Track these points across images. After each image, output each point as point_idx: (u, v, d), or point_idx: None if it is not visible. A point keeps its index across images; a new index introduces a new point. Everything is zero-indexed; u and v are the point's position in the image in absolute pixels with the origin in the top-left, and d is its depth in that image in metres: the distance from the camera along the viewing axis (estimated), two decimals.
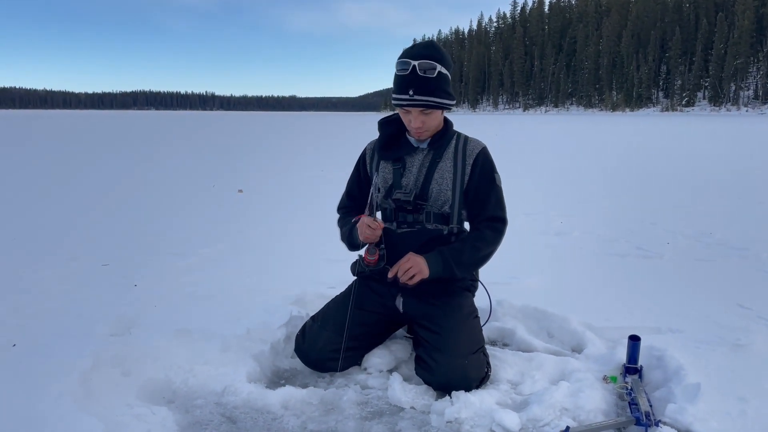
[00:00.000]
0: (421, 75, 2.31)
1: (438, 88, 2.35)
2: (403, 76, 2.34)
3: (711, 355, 2.52)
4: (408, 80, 2.33)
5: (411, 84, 2.32)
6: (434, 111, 2.40)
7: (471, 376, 2.29)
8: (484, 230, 2.49)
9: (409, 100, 2.34)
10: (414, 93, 2.32)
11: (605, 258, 4.39)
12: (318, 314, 2.61)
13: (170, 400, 2.27)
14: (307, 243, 4.74)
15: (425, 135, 2.47)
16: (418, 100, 2.33)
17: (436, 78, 2.33)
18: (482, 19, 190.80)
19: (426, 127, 2.42)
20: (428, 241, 2.47)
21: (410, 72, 2.32)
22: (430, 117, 2.40)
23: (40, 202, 6.99)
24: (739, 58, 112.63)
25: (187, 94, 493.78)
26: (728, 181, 9.07)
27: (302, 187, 8.43)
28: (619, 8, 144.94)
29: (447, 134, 2.52)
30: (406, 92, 2.33)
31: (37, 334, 2.68)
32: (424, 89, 2.32)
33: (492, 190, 2.51)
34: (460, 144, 2.53)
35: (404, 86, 2.34)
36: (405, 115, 2.43)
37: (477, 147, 2.53)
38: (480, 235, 2.48)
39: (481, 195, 2.50)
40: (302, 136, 26.54)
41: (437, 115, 2.43)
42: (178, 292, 3.42)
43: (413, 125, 2.41)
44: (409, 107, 2.36)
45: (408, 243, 2.48)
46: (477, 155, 2.50)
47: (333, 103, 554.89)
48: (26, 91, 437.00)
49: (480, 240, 2.47)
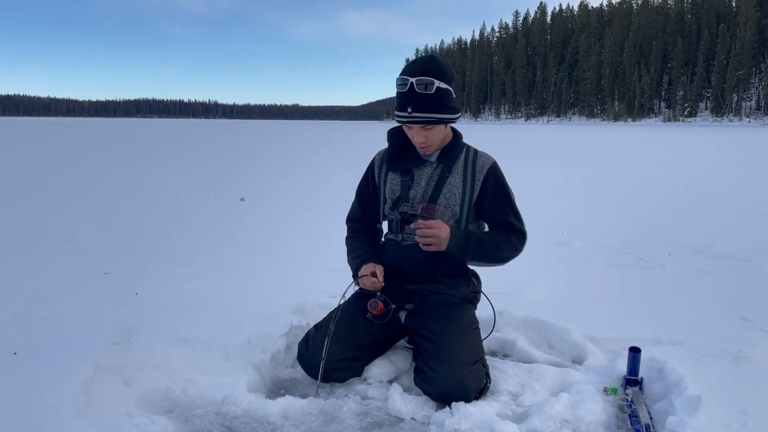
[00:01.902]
0: (419, 92, 2.32)
1: (437, 104, 2.35)
2: (402, 93, 2.36)
3: (712, 367, 2.51)
4: (406, 97, 2.35)
5: (409, 101, 2.34)
6: (436, 126, 2.40)
7: (469, 387, 2.28)
8: (510, 235, 2.52)
9: (408, 117, 2.36)
10: (412, 110, 2.34)
11: (607, 269, 4.39)
12: (321, 323, 2.59)
13: (170, 410, 2.27)
14: (309, 252, 4.74)
15: (431, 150, 2.48)
16: (417, 117, 2.35)
17: (435, 94, 2.34)
18: (485, 29, 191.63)
19: (429, 141, 2.43)
20: (434, 255, 2.46)
21: (408, 89, 2.34)
22: (432, 132, 2.41)
23: (42, 209, 7.00)
24: (741, 68, 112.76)
25: (190, 102, 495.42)
26: (730, 192, 9.06)
27: (304, 196, 8.44)
28: (621, 19, 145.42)
29: (456, 147, 2.53)
30: (405, 109, 2.36)
31: (38, 342, 2.68)
32: (422, 106, 2.34)
33: (509, 203, 2.55)
34: (469, 158, 2.53)
35: (404, 103, 2.37)
36: (408, 130, 2.45)
37: (487, 162, 2.53)
38: (507, 239, 2.51)
39: (500, 213, 2.54)
40: (305, 144, 26.58)
41: (440, 129, 2.43)
42: (179, 300, 3.42)
43: (416, 141, 2.43)
44: (409, 124, 2.39)
45: (413, 256, 2.49)
46: (488, 171, 2.51)
47: (336, 111, 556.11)
48: (30, 98, 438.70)
49: (506, 243, 2.51)
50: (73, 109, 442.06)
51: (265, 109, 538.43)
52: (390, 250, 2.59)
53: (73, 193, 8.54)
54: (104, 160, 15.01)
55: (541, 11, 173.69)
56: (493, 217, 2.55)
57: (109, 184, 9.68)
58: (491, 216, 2.54)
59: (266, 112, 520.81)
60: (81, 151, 19.13)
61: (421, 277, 2.53)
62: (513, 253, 2.54)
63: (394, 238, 2.56)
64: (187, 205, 7.46)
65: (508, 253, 2.53)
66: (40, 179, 10.32)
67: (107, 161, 14.70)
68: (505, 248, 2.51)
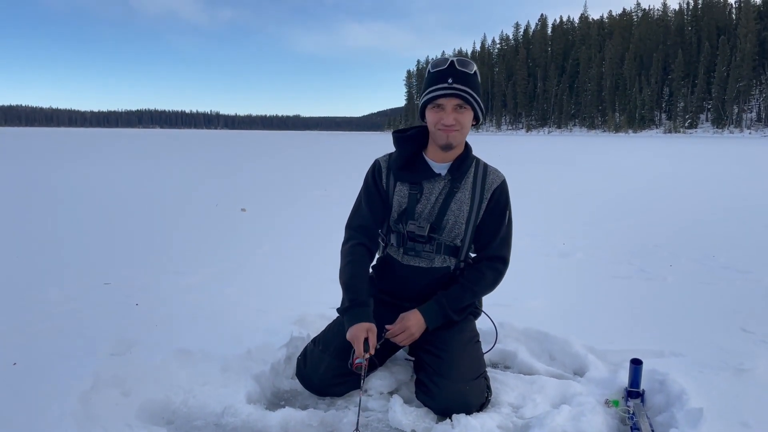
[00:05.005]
0: (460, 68, 2.28)
1: (475, 85, 2.31)
2: (441, 70, 2.29)
3: (714, 379, 2.50)
4: (447, 72, 2.28)
5: (450, 74, 2.27)
6: (468, 111, 2.31)
7: (472, 402, 2.28)
8: (486, 271, 2.47)
9: (448, 88, 2.25)
10: (453, 81, 2.26)
11: (608, 280, 4.38)
12: (319, 337, 2.55)
13: (170, 421, 2.26)
14: (310, 263, 4.74)
15: (457, 138, 2.34)
16: (458, 88, 2.25)
17: (474, 75, 2.31)
18: (485, 41, 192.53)
19: (458, 126, 2.31)
20: (433, 281, 2.46)
21: (449, 66, 2.28)
22: (463, 116, 2.31)
23: (43, 218, 7.00)
24: (741, 80, 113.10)
25: (191, 113, 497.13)
26: (731, 204, 9.06)
27: (306, 207, 8.44)
28: (621, 31, 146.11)
29: (467, 160, 2.45)
30: (445, 80, 2.26)
31: (38, 353, 2.67)
32: (463, 80, 2.27)
33: (501, 227, 2.48)
34: (479, 173, 2.47)
35: (443, 77, 2.27)
36: (436, 113, 2.31)
37: (497, 180, 2.48)
38: (480, 276, 2.47)
39: (491, 230, 2.48)
40: (306, 155, 26.62)
41: (468, 117, 2.33)
42: (179, 311, 3.42)
43: (445, 122, 2.29)
44: (447, 96, 2.26)
45: (412, 281, 2.48)
46: (495, 189, 2.46)
47: (337, 122, 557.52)
48: (32, 109, 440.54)
49: (479, 282, 2.47)
50: (75, 119, 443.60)
51: (267, 119, 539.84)
52: (390, 268, 2.54)
53: (74, 203, 8.54)
54: (105, 170, 15.03)
55: (542, 23, 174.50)
56: (480, 237, 2.49)
57: (110, 194, 9.69)
58: (482, 232, 2.48)
59: (268, 123, 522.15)
60: (82, 161, 19.17)
61: (420, 297, 2.47)
62: (492, 286, 2.52)
63: (394, 255, 2.52)
64: (189, 216, 7.47)
65: (486, 289, 2.52)
66: (40, 189, 10.33)
67: (108, 171, 14.72)
68: (481, 289, 2.49)
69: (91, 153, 25.19)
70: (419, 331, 2.38)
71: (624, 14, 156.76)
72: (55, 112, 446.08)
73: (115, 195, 9.69)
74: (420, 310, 2.39)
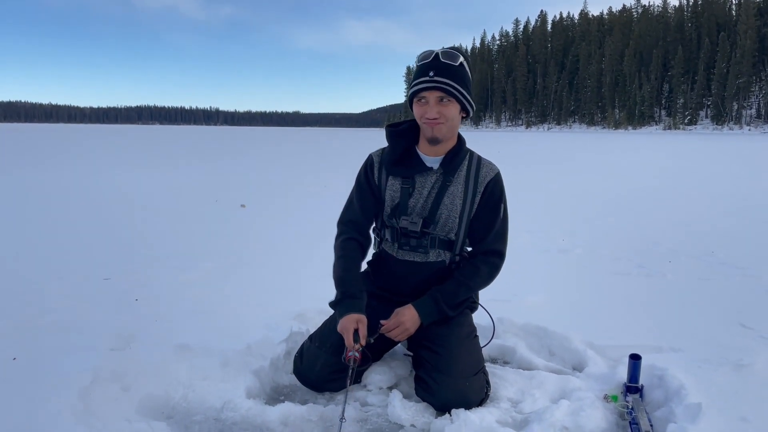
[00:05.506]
0: (443, 60, 2.26)
1: (460, 77, 2.28)
2: (425, 62, 2.28)
3: (713, 374, 2.50)
4: (430, 64, 2.26)
5: (433, 67, 2.26)
6: (452, 103, 2.29)
7: (472, 398, 2.28)
8: (481, 266, 2.45)
9: (429, 81, 2.25)
10: (434, 74, 2.25)
11: (607, 276, 4.38)
12: (315, 334, 2.54)
13: (169, 416, 2.27)
14: (309, 258, 4.73)
15: (442, 132, 2.32)
16: (438, 81, 2.24)
17: (459, 67, 2.28)
18: (485, 37, 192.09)
19: (442, 118, 2.29)
20: (428, 276, 2.45)
21: (432, 58, 2.27)
22: (447, 108, 2.28)
23: (42, 215, 7.00)
24: (741, 77, 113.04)
25: (191, 109, 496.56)
26: (731, 200, 9.06)
27: (305, 202, 8.45)
28: (621, 27, 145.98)
29: (460, 153, 2.42)
30: (427, 74, 2.26)
31: (38, 349, 2.68)
32: (445, 73, 2.25)
33: (496, 220, 2.45)
34: (473, 166, 2.44)
35: (425, 70, 2.27)
36: (421, 107, 2.31)
37: (490, 173, 2.44)
38: (476, 271, 2.44)
39: (485, 223, 2.45)
40: (306, 151, 26.61)
41: (454, 109, 2.31)
42: (179, 306, 3.42)
43: (428, 115, 2.28)
44: (428, 89, 2.26)
45: (408, 276, 2.46)
46: (488, 182, 2.43)
47: (336, 119, 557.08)
48: (32, 105, 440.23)
49: (474, 277, 2.44)
50: (75, 115, 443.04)
51: (267, 116, 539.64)
52: (385, 264, 2.53)
53: (73, 199, 8.54)
54: (105, 165, 15.02)
55: (542, 19, 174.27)
56: (475, 231, 2.47)
57: (110, 189, 9.69)
58: (477, 226, 2.45)
59: (267, 119, 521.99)
60: (81, 157, 19.16)
61: (416, 292, 2.45)
62: (488, 281, 2.49)
63: (389, 250, 2.50)
64: (188, 211, 7.46)
65: (482, 284, 2.49)
66: (40, 184, 10.32)
67: (108, 166, 14.71)
68: (477, 283, 2.47)
69: (90, 150, 25.17)
70: (414, 326, 2.37)
71: (624, 10, 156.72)
72: (55, 108, 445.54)
73: (115, 191, 9.68)
74: (414, 305, 2.38)
